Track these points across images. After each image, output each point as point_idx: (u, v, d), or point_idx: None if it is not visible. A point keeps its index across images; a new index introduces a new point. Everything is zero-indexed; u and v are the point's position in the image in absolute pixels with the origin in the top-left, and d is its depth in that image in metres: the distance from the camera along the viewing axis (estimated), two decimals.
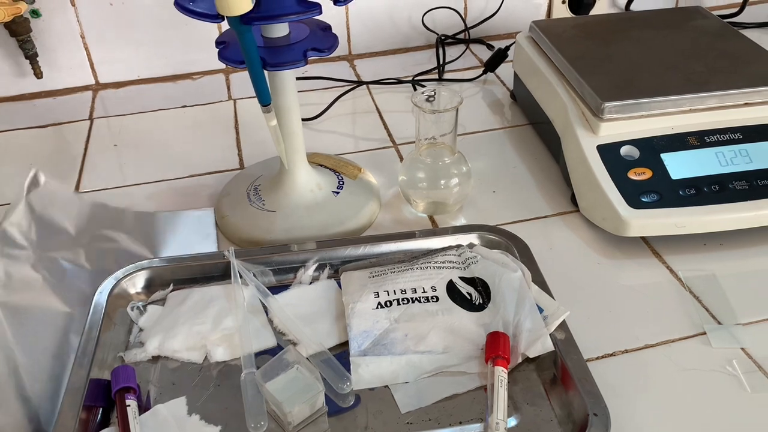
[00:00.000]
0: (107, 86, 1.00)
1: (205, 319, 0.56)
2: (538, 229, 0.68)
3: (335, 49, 0.61)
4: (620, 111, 0.67)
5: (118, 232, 0.68)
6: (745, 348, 0.55)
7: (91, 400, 0.50)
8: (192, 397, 0.51)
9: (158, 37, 0.98)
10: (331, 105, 0.91)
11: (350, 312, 0.56)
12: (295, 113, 0.65)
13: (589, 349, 0.54)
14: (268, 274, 0.61)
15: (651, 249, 0.65)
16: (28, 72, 0.95)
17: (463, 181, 0.68)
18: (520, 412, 0.49)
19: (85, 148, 0.86)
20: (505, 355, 0.51)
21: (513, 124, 0.87)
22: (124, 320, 0.58)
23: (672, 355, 0.55)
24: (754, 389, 0.51)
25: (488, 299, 0.56)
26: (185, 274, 0.61)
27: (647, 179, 0.65)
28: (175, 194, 0.76)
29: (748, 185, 0.64)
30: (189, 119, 0.91)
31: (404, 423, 0.49)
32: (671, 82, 0.70)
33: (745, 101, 0.68)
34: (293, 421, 0.48)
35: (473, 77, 0.97)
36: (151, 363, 0.55)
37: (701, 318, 0.58)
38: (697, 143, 0.67)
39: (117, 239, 0.67)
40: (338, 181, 0.72)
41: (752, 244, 0.64)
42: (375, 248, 0.63)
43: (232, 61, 0.59)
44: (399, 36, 1.06)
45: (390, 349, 0.53)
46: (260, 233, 0.67)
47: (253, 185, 0.72)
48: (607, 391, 0.48)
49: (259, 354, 0.55)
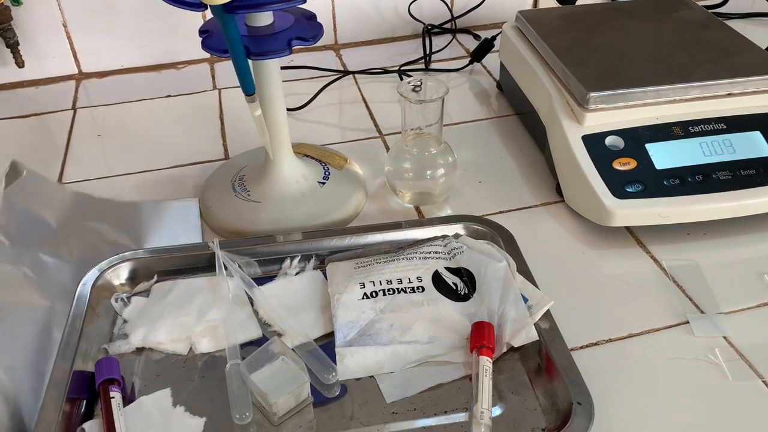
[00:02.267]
0: (90, 75, 0.99)
1: (190, 311, 0.56)
2: (523, 219, 0.69)
3: (320, 38, 0.60)
4: (605, 101, 0.67)
5: (102, 223, 0.67)
6: (727, 337, 0.55)
7: (74, 393, 0.50)
8: (177, 389, 0.51)
9: (142, 26, 0.97)
10: (317, 95, 0.90)
11: (336, 303, 0.56)
12: (279, 103, 0.65)
13: (573, 339, 0.54)
14: (254, 266, 0.61)
15: (635, 238, 0.65)
16: (9, 61, 0.94)
17: (449, 172, 0.68)
18: (505, 402, 0.50)
19: (69, 139, 0.85)
20: (489, 345, 0.51)
21: (499, 114, 0.87)
22: (108, 312, 0.58)
23: (655, 344, 0.55)
24: (735, 377, 0.52)
25: (473, 289, 0.57)
26: (170, 265, 0.61)
27: (632, 169, 0.65)
28: (159, 185, 0.76)
29: (731, 175, 0.64)
30: (173, 109, 0.90)
31: (390, 413, 0.49)
32: (656, 72, 0.70)
33: (729, 92, 0.68)
34: (278, 411, 0.48)
35: (460, 67, 0.97)
36: (135, 355, 0.54)
37: (684, 307, 0.58)
38: (681, 133, 0.67)
39: (101, 230, 0.66)
40: (324, 172, 0.72)
41: (735, 234, 0.65)
42: (361, 239, 0.62)
43: (216, 50, 0.58)
44: (385, 25, 1.05)
45: (375, 339, 0.53)
46: (245, 224, 0.67)
47: (238, 176, 0.72)
48: (591, 380, 0.49)
49: (244, 345, 0.54)
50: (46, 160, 0.81)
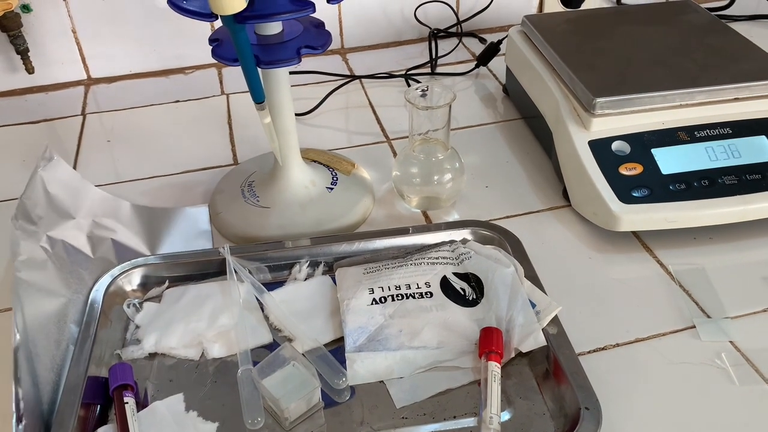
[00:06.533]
0: (99, 81, 1.00)
1: (201, 316, 0.57)
2: (530, 224, 0.69)
3: (329, 46, 0.61)
4: (611, 107, 0.67)
5: (117, 222, 0.68)
6: (733, 341, 0.56)
7: (89, 398, 0.51)
8: (189, 394, 0.52)
9: (150, 32, 0.97)
10: (324, 100, 0.91)
11: (345, 308, 0.56)
12: (288, 110, 0.65)
13: (581, 344, 0.55)
14: (264, 271, 0.62)
15: (642, 243, 0.66)
16: (19, 67, 0.95)
17: (456, 177, 0.69)
18: (514, 406, 0.50)
19: (78, 144, 0.86)
20: (498, 350, 0.51)
21: (505, 118, 0.87)
22: (120, 317, 0.58)
23: (662, 349, 0.55)
24: (742, 382, 0.52)
25: (481, 295, 0.57)
26: (181, 271, 0.62)
27: (638, 174, 0.65)
28: (169, 190, 0.76)
29: (737, 180, 0.65)
30: (182, 114, 0.91)
31: (399, 417, 0.50)
32: (662, 77, 0.70)
33: (735, 96, 0.69)
34: (290, 416, 0.49)
35: (466, 71, 0.98)
36: (147, 360, 0.55)
37: (691, 311, 0.59)
38: (687, 138, 0.67)
39: (115, 229, 0.67)
40: (332, 177, 0.73)
41: (741, 238, 0.65)
42: (369, 244, 0.63)
43: (226, 59, 0.59)
44: (391, 29, 1.06)
45: (385, 344, 0.54)
46: (255, 230, 0.67)
47: (247, 182, 0.72)
48: (599, 385, 0.49)
49: (255, 350, 0.55)
50: None
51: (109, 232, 0.67)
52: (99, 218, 0.68)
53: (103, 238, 0.66)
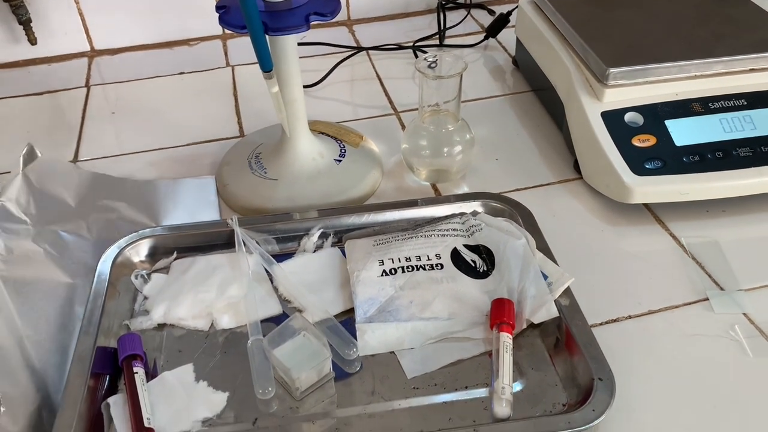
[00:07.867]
0: (103, 53, 0.98)
1: (210, 287, 0.56)
2: (542, 196, 0.68)
3: (338, 13, 0.60)
4: (625, 77, 0.66)
5: (119, 201, 0.67)
6: (747, 313, 0.55)
7: (98, 368, 0.50)
8: (199, 364, 0.52)
9: (153, 3, 0.96)
10: (331, 71, 0.90)
11: (355, 279, 0.56)
12: (296, 80, 0.64)
13: (593, 315, 0.55)
14: (272, 243, 0.61)
15: (654, 216, 0.65)
16: (21, 38, 0.93)
17: (466, 149, 0.68)
18: (526, 377, 0.50)
19: (83, 116, 0.85)
20: (510, 321, 0.51)
21: (515, 90, 0.86)
22: (128, 288, 0.58)
23: (675, 321, 0.55)
24: (756, 354, 0.52)
25: (492, 266, 0.57)
26: (188, 242, 0.61)
27: (651, 146, 0.64)
28: (175, 162, 0.76)
29: (752, 152, 0.64)
30: (187, 86, 0.90)
31: (411, 388, 0.50)
32: (676, 47, 0.69)
33: (751, 67, 0.68)
34: (301, 386, 0.49)
35: (474, 43, 0.96)
36: (156, 331, 0.55)
37: (704, 284, 0.58)
38: (701, 110, 0.66)
39: (118, 208, 0.67)
40: (340, 150, 0.72)
41: (755, 211, 0.65)
42: (378, 216, 0.62)
43: (233, 26, 0.58)
44: (399, 0, 1.04)
45: (395, 315, 0.54)
46: (262, 201, 0.67)
47: (254, 153, 0.72)
48: (611, 356, 0.49)
49: (264, 321, 0.55)
50: (60, 138, 0.81)
51: (112, 213, 0.66)
52: (100, 200, 0.67)
53: (106, 219, 0.65)
